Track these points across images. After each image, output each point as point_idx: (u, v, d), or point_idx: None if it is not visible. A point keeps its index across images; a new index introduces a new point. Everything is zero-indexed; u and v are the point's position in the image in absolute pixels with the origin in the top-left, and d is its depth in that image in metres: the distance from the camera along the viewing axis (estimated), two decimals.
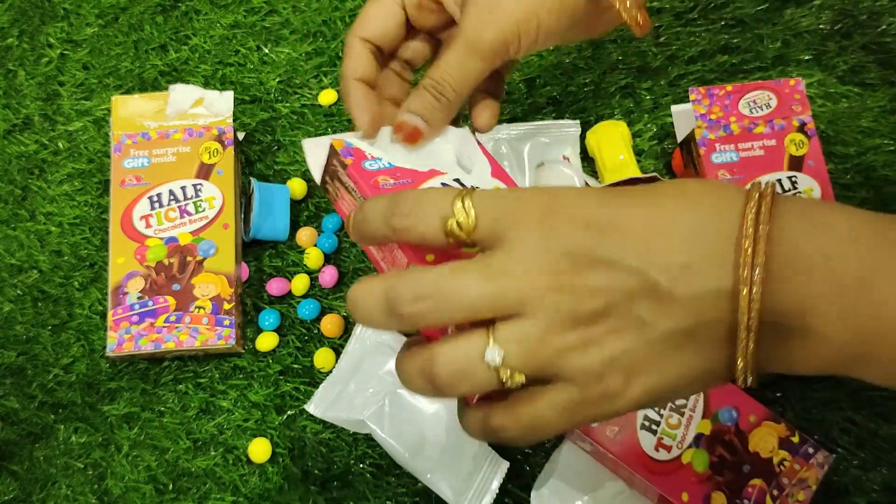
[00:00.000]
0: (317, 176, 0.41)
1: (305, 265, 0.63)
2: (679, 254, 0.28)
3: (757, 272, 0.27)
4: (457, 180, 0.39)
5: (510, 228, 0.29)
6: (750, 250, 0.28)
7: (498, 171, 0.41)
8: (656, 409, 0.51)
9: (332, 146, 0.39)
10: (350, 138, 0.40)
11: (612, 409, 0.30)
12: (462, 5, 0.41)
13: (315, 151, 0.41)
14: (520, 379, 0.29)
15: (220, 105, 0.64)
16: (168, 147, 0.63)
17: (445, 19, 0.44)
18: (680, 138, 0.62)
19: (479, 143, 0.43)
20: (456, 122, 0.44)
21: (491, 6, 0.40)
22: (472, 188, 0.31)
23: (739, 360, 0.29)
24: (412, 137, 0.41)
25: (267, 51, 0.70)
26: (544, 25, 0.40)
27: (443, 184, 0.39)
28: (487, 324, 0.29)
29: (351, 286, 0.31)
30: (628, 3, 0.41)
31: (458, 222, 0.30)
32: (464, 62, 0.40)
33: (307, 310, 0.61)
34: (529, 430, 0.30)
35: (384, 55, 0.45)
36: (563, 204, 0.29)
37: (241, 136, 0.67)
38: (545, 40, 0.41)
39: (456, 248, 0.31)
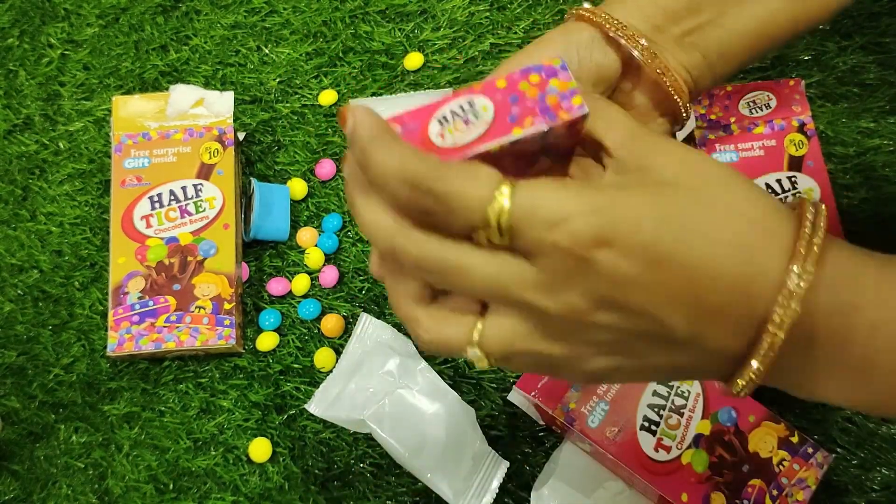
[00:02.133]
0: None
1: (305, 265, 0.63)
2: (711, 310, 0.27)
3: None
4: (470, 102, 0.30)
5: (542, 246, 0.26)
6: (780, 334, 0.26)
7: None
8: (655, 409, 0.51)
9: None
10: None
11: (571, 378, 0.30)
12: None
13: None
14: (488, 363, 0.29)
15: (220, 105, 0.64)
16: (168, 147, 0.63)
17: None
18: (680, 138, 0.62)
19: None
20: None
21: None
22: (515, 182, 0.26)
23: (740, 381, 0.28)
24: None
25: (267, 51, 0.70)
26: None
27: (459, 106, 0.29)
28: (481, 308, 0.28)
29: (357, 208, 0.28)
30: (675, 73, 0.36)
31: (499, 223, 0.26)
32: None
33: (307, 310, 0.61)
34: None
35: None
36: (617, 235, 0.26)
37: (241, 136, 0.67)
38: None
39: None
